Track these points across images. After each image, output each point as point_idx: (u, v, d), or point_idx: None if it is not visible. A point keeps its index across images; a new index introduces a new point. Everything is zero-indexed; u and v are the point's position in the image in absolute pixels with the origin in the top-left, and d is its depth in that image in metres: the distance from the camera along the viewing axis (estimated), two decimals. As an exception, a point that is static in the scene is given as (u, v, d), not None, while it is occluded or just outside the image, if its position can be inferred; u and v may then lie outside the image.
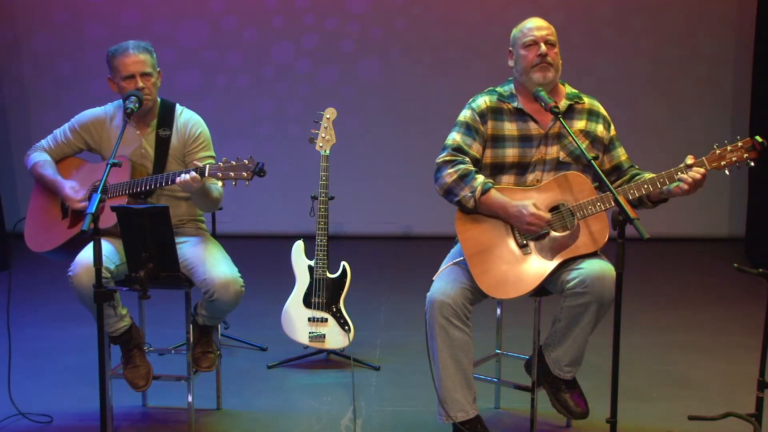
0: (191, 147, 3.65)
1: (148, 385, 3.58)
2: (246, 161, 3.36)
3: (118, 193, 3.51)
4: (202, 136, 3.68)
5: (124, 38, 3.66)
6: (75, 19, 6.98)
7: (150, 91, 3.56)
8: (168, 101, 3.72)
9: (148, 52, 3.58)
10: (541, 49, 3.31)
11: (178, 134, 3.66)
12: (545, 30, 3.35)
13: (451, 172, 3.29)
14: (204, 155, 3.65)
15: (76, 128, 3.70)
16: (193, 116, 3.72)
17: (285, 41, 7.04)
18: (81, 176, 3.67)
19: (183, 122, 3.68)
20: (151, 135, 3.65)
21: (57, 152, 3.72)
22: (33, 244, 3.67)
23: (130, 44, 3.57)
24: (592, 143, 3.37)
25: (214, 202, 3.62)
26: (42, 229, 3.67)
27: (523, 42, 3.34)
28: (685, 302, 5.45)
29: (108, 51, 3.59)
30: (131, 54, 3.55)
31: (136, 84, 3.53)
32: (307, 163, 6.91)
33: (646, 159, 3.95)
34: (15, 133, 7.09)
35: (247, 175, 3.35)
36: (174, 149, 3.65)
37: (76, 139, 3.70)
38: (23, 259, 5.34)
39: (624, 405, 3.15)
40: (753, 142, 3.10)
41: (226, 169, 3.36)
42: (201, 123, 3.71)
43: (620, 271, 2.91)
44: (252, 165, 3.35)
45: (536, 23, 3.38)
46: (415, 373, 4.10)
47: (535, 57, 3.31)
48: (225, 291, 3.45)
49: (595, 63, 6.93)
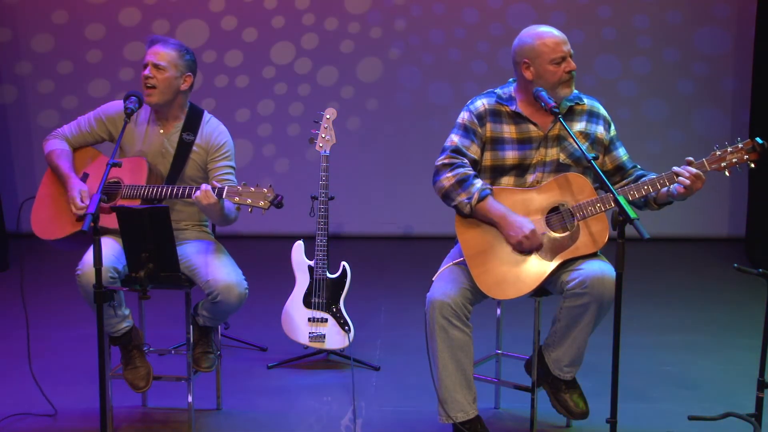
0: (214, 155, 3.64)
1: (148, 386, 3.58)
2: (265, 190, 3.35)
3: (132, 196, 3.50)
4: (226, 146, 3.66)
5: (124, 38, 3.66)
6: (75, 19, 6.97)
7: (157, 83, 3.54)
8: (197, 107, 3.71)
9: (175, 49, 3.57)
10: (570, 65, 3.27)
11: (202, 141, 3.64)
12: (568, 44, 3.29)
13: (449, 176, 3.29)
14: (225, 164, 3.64)
15: (102, 118, 3.67)
16: (219, 126, 3.70)
17: (285, 41, 7.03)
18: (97, 169, 3.65)
19: (209, 131, 3.66)
20: (174, 136, 3.64)
21: (78, 140, 3.70)
22: (40, 231, 3.64)
23: (160, 38, 3.59)
24: (591, 145, 3.37)
25: (230, 221, 3.60)
26: (50, 216, 3.63)
27: (552, 58, 3.26)
28: (685, 302, 5.44)
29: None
30: (154, 45, 3.58)
31: (145, 73, 3.53)
32: (307, 163, 6.94)
33: (646, 159, 3.96)
34: (15, 133, 7.08)
35: (264, 204, 3.35)
36: (195, 155, 3.63)
37: (100, 129, 3.68)
38: (23, 260, 5.34)
39: (624, 405, 3.15)
40: (753, 143, 3.10)
41: (244, 194, 3.35)
42: (226, 133, 3.70)
43: (620, 271, 2.91)
44: (271, 195, 3.34)
45: (559, 37, 3.29)
46: (415, 373, 4.10)
47: (564, 73, 3.28)
48: (229, 293, 3.45)
49: (595, 63, 6.93)
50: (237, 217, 3.61)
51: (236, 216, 3.60)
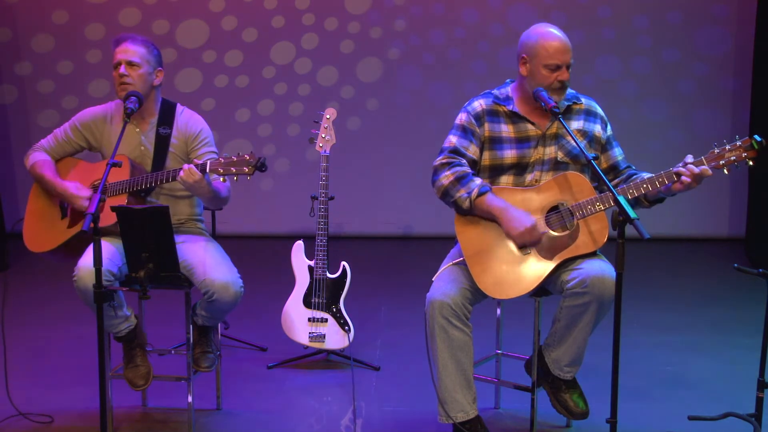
0: (194, 144, 3.66)
1: (147, 384, 3.58)
2: (247, 156, 3.37)
3: (118, 192, 3.51)
4: (203, 133, 3.69)
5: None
6: (75, 19, 6.97)
7: (133, 80, 3.54)
8: (169, 101, 3.72)
9: (143, 45, 3.58)
10: (563, 75, 3.27)
11: (179, 133, 3.66)
12: (569, 53, 3.27)
13: (448, 174, 3.29)
14: (207, 150, 3.66)
15: (77, 126, 3.70)
16: (193, 115, 3.73)
17: (285, 41, 7.03)
18: (80, 176, 3.67)
19: (184, 121, 3.68)
20: (150, 132, 3.65)
21: (57, 151, 3.72)
22: (32, 245, 3.67)
23: (127, 36, 3.59)
24: (589, 143, 3.37)
25: (222, 200, 3.61)
26: (41, 229, 3.67)
27: (547, 63, 3.26)
28: (685, 302, 5.44)
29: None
30: (121, 44, 3.58)
31: (119, 72, 3.53)
32: (307, 163, 6.94)
33: (646, 159, 3.97)
34: (15, 133, 7.08)
35: (248, 170, 3.36)
36: (174, 147, 3.65)
37: (77, 138, 3.70)
38: (23, 260, 5.33)
39: (624, 405, 3.15)
40: (752, 141, 3.11)
41: (227, 165, 3.36)
42: (201, 121, 3.73)
43: (620, 271, 2.91)
44: (253, 160, 3.36)
45: (562, 44, 3.27)
46: (415, 373, 4.10)
47: (556, 81, 3.28)
48: (225, 292, 3.45)
49: (595, 63, 6.93)
50: (229, 196, 3.61)
51: (228, 195, 3.60)
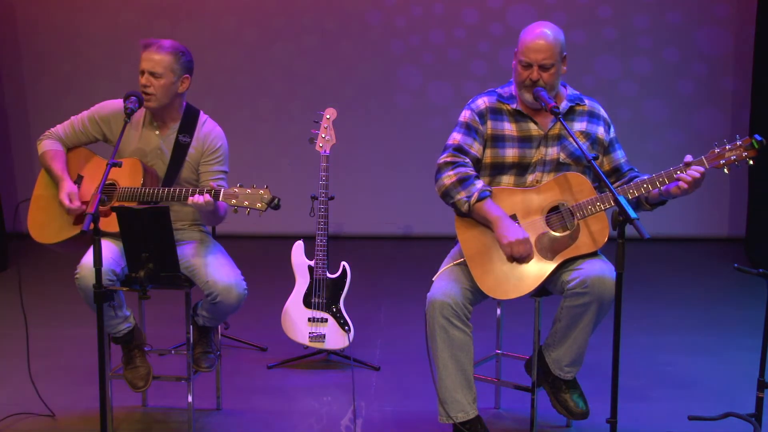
0: (208, 158, 3.62)
1: (147, 385, 3.58)
2: (262, 191, 3.33)
3: (128, 198, 3.47)
4: (220, 150, 3.65)
5: (124, 38, 3.65)
6: (75, 19, 6.97)
7: (155, 91, 3.52)
8: (193, 107, 3.69)
9: (170, 52, 3.53)
10: (533, 75, 3.27)
11: (198, 143, 3.62)
12: (542, 53, 3.24)
13: (450, 174, 3.30)
14: (218, 168, 3.63)
15: (95, 118, 3.65)
16: (215, 128, 3.68)
17: (285, 41, 7.03)
18: (92, 171, 3.64)
19: (204, 133, 3.64)
20: (170, 137, 3.62)
21: (72, 140, 3.68)
22: (37, 235, 3.62)
23: (154, 42, 3.54)
24: (592, 145, 3.37)
25: (219, 219, 3.60)
26: (48, 220, 3.61)
27: (520, 59, 3.29)
28: (685, 302, 5.44)
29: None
30: (147, 50, 3.54)
31: (141, 81, 3.53)
32: (307, 163, 6.93)
33: (646, 159, 3.97)
34: (15, 133, 7.08)
35: (261, 206, 3.33)
36: (191, 157, 3.62)
37: (93, 129, 3.66)
38: (22, 260, 5.33)
39: (624, 405, 3.15)
40: (752, 141, 3.11)
41: (241, 197, 3.32)
42: (222, 137, 3.68)
43: (620, 271, 2.91)
44: (268, 197, 3.32)
45: (536, 44, 3.26)
46: (415, 373, 4.10)
47: (528, 79, 3.28)
48: (228, 294, 3.45)
49: (595, 63, 6.93)
50: (225, 216, 3.60)
51: (225, 215, 3.59)
